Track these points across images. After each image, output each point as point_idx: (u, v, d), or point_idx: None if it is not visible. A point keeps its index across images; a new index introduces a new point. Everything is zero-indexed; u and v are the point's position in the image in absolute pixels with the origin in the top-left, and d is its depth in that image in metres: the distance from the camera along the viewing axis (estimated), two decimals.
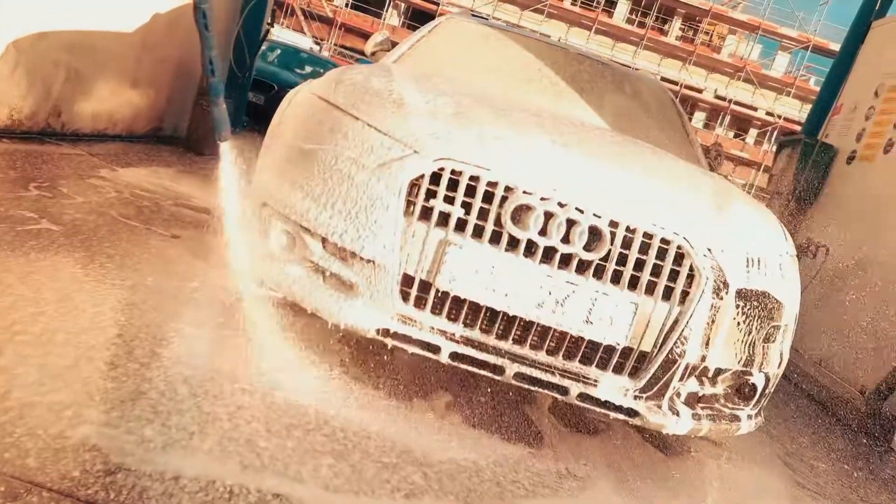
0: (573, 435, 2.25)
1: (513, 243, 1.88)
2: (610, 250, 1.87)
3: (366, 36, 35.80)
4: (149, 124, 5.57)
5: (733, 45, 33.66)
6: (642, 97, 3.42)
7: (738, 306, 1.95)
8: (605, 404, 1.93)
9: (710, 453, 2.45)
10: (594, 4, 33.36)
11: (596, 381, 1.92)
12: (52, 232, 2.56)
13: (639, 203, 1.94)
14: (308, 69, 12.31)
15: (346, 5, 34.73)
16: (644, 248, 1.89)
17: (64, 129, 4.46)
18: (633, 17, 33.82)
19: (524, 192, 1.88)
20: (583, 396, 1.92)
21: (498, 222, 1.88)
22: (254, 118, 7.50)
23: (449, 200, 1.90)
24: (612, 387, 1.92)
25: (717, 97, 32.48)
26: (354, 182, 1.95)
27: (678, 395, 1.97)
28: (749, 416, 2.13)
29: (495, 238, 1.88)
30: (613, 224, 1.89)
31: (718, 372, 2.02)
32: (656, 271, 1.89)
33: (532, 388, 1.94)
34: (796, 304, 2.17)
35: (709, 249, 1.92)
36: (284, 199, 2.07)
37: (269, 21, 6.41)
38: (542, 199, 1.88)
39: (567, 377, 1.92)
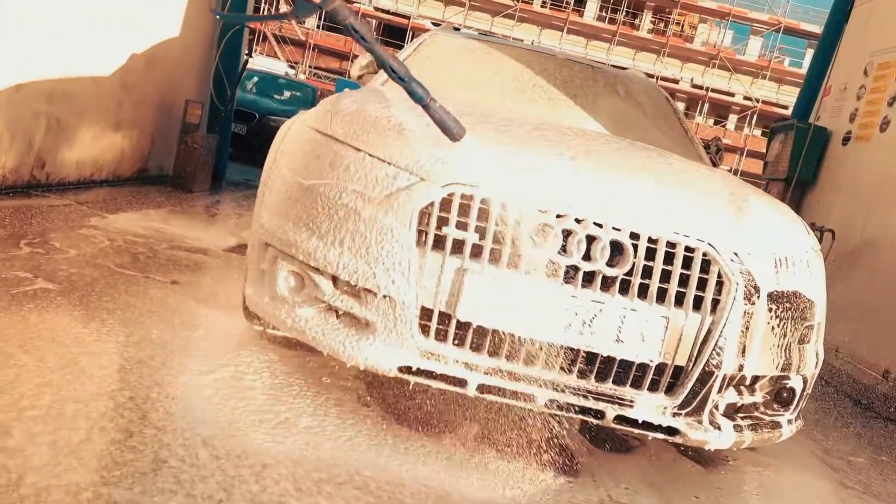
0: (607, 455, 2.16)
1: (532, 265, 1.80)
2: (634, 264, 1.80)
3: (339, 56, 35.91)
4: (134, 166, 5.49)
5: (705, 34, 33.88)
6: (636, 98, 3.36)
7: (770, 310, 1.88)
8: (644, 425, 1.85)
9: (748, 460, 2.37)
10: (563, 5, 33.54)
11: (632, 401, 1.85)
12: (49, 291, 2.47)
13: (658, 212, 1.87)
14: (287, 94, 12.26)
15: (318, 27, 34.74)
16: (669, 259, 1.82)
17: (49, 180, 4.36)
18: (604, 13, 34.02)
19: (539, 212, 1.81)
20: (620, 419, 1.84)
21: (515, 245, 1.81)
22: (236, 148, 7.43)
23: (462, 226, 1.82)
24: (650, 406, 1.85)
25: (694, 86, 32.65)
26: (361, 216, 1.88)
27: (717, 407, 1.90)
28: (789, 421, 2.06)
29: (513, 262, 1.80)
30: (634, 236, 1.82)
31: (756, 379, 1.95)
32: (683, 282, 1.83)
33: (565, 415, 1.86)
34: (824, 300, 2.10)
35: (735, 254, 1.85)
36: (289, 239, 1.99)
37: (247, 51, 6.34)
38: (558, 216, 1.81)
39: (601, 400, 1.84)
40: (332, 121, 2.10)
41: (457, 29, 4.18)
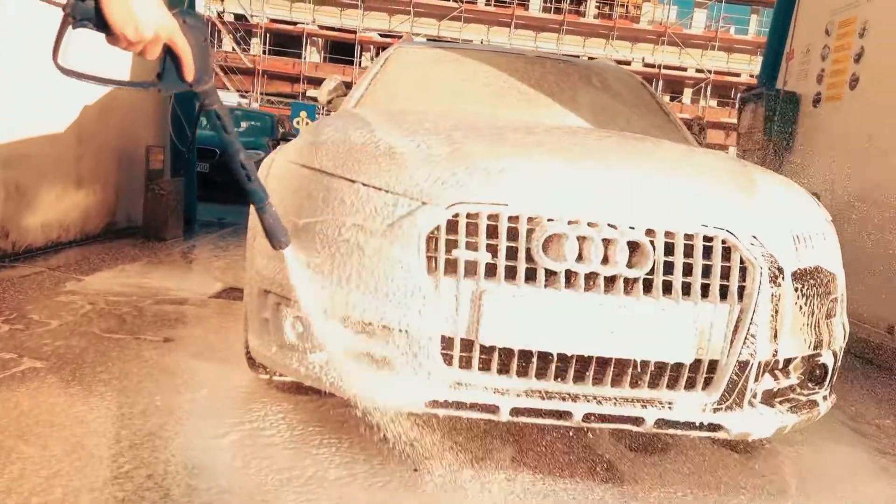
0: (646, 459, 2.09)
1: (551, 277, 1.73)
2: (654, 262, 1.73)
3: (289, 79, 35.65)
4: (102, 221, 5.32)
5: (650, 12, 34.29)
6: (612, 87, 3.31)
7: (796, 289, 1.83)
8: (685, 425, 1.79)
9: (781, 440, 2.31)
10: (508, 1, 33.72)
11: (670, 403, 1.78)
12: (38, 370, 2.33)
13: (669, 204, 1.80)
14: (245, 125, 12.03)
15: (264, 52, 34.48)
16: (688, 251, 1.76)
17: (16, 249, 4.20)
18: (549, 4, 34.27)
19: (549, 220, 1.74)
20: (660, 423, 1.77)
21: (530, 258, 1.73)
22: (201, 188, 7.26)
23: (471, 247, 1.74)
24: (689, 405, 1.78)
25: (646, 65, 33.00)
26: (365, 251, 1.79)
27: (756, 396, 1.83)
28: (824, 398, 2.00)
29: (531, 276, 1.73)
30: (650, 233, 1.75)
31: (789, 362, 1.89)
32: (705, 273, 1.76)
33: (604, 426, 1.79)
34: (842, 270, 2.06)
35: (754, 237, 1.79)
36: (288, 283, 1.88)
37: None
38: (569, 222, 1.74)
39: (639, 406, 1.77)
40: (318, 153, 2.01)
41: (435, 39, 4.11)
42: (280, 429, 2.04)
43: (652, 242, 1.74)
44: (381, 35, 34.68)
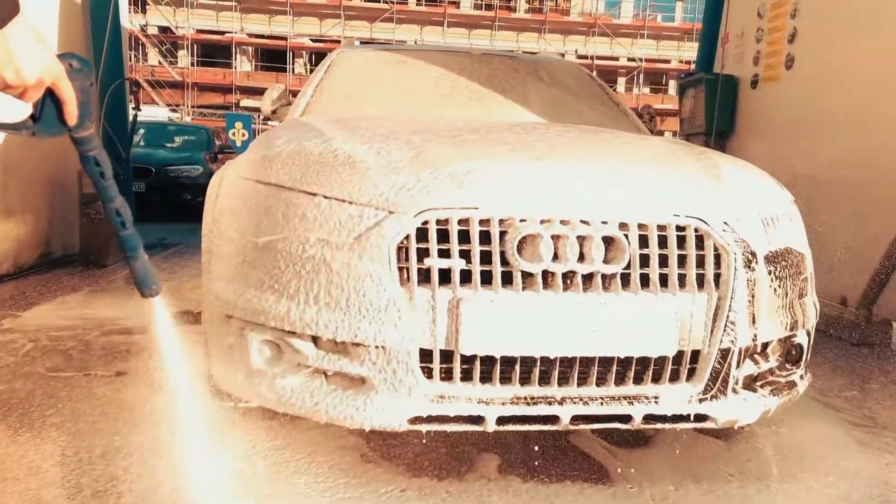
0: (632, 453, 2.07)
1: (528, 280, 1.68)
2: (630, 256, 1.70)
3: (220, 90, 34.83)
4: (36, 252, 5.04)
5: (580, 4, 34.82)
6: (561, 80, 3.29)
7: (770, 272, 1.82)
8: (673, 419, 1.76)
9: (758, 423, 2.33)
10: (439, 0, 33.75)
11: (656, 397, 1.75)
12: None
13: (639, 196, 1.78)
14: (179, 140, 11.62)
15: (192, 64, 33.66)
16: (662, 242, 1.73)
17: None
18: (480, 1, 34.44)
19: (521, 221, 1.69)
20: (648, 418, 1.74)
21: (504, 262, 1.67)
22: (139, 208, 6.99)
23: (444, 254, 1.68)
24: (675, 398, 1.75)
25: (579, 57, 33.49)
26: (333, 266, 1.70)
27: (738, 382, 1.82)
28: (801, 377, 2.01)
29: (507, 280, 1.67)
30: (624, 227, 1.72)
31: (767, 345, 1.89)
32: (681, 264, 1.74)
33: (592, 427, 1.75)
34: (808, 248, 2.07)
35: (725, 223, 1.78)
36: (255, 307, 1.79)
37: (134, 105, 5.95)
38: (542, 221, 1.69)
39: (626, 403, 1.73)
40: (272, 167, 1.91)
41: (368, 42, 4.01)
42: (254, 459, 1.94)
43: (626, 236, 1.70)
44: (312, 40, 34.27)
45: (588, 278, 1.70)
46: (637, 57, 33.17)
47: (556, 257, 1.67)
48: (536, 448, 2.05)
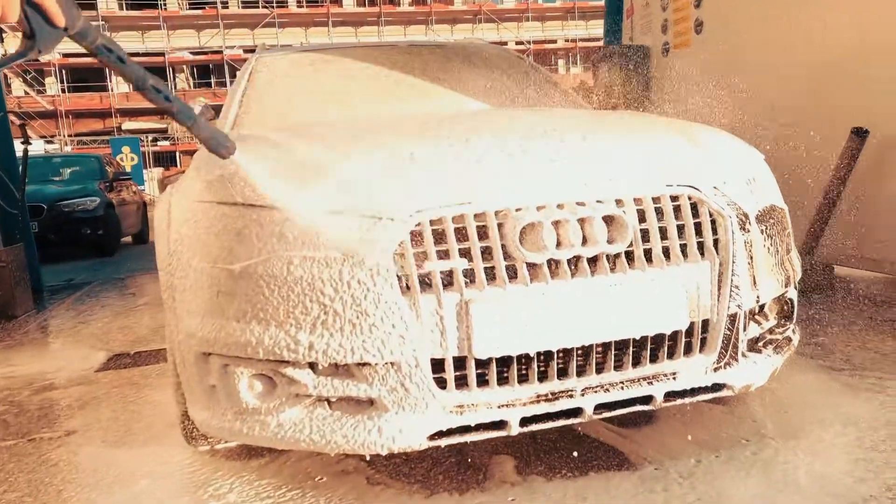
0: (641, 432, 2.04)
1: (532, 271, 1.59)
2: (633, 232, 1.65)
3: (98, 115, 32.79)
4: None
5: None
6: (495, 64, 3.22)
7: (762, 231, 1.82)
8: (692, 392, 1.73)
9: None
10: (320, 1, 33.16)
11: (674, 373, 1.71)
12: None
13: (628, 170, 1.73)
14: (68, 172, 10.81)
15: (63, 91, 31.66)
16: (659, 214, 1.69)
17: None
18: None
19: (517, 210, 1.60)
20: (669, 396, 1.71)
21: (507, 256, 1.59)
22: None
23: (443, 255, 1.57)
24: (692, 371, 1.72)
25: None
26: (324, 284, 1.56)
27: (747, 345, 1.81)
28: (794, 332, 2.03)
29: (513, 274, 1.59)
30: (619, 203, 1.66)
31: (764, 305, 1.89)
32: (680, 234, 1.70)
33: (615, 414, 1.69)
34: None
35: (715, 188, 1.76)
36: (238, 340, 1.62)
37: (24, 138, 5.46)
38: (538, 208, 1.61)
39: (645, 384, 1.69)
40: (236, 185, 1.73)
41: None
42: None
43: (624, 212, 1.65)
44: (192, 53, 32.94)
45: (593, 261, 1.63)
46: (525, 40, 33.78)
47: (558, 244, 1.60)
48: (546, 443, 1.98)
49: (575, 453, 1.90)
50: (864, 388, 2.23)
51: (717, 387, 1.75)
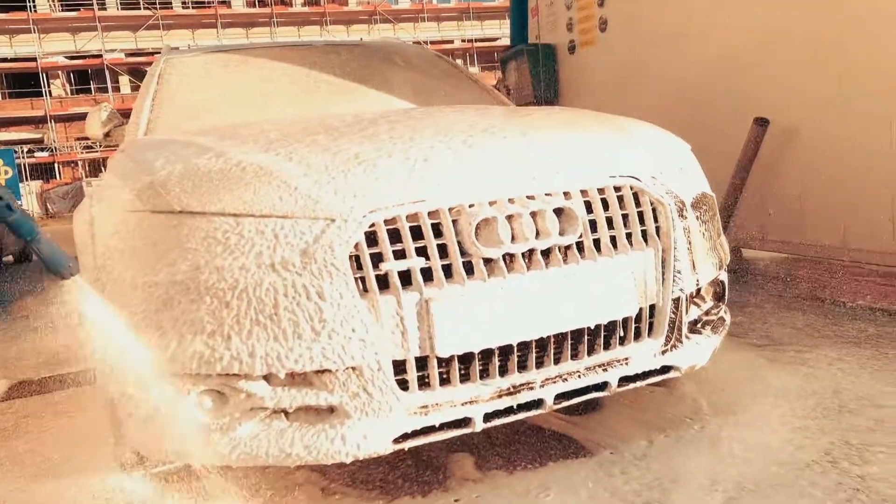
0: (590, 419, 2.08)
1: (488, 266, 1.59)
2: (582, 223, 1.68)
3: (26, 122, 30.11)
4: None
5: None
6: (416, 64, 3.21)
7: (697, 217, 1.90)
8: (644, 375, 1.79)
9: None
10: (207, 1, 31.99)
11: (626, 358, 1.76)
12: None
13: (573, 164, 1.76)
14: None
15: None
16: (605, 205, 1.73)
17: None
18: None
19: (470, 206, 1.60)
20: (622, 381, 1.75)
21: (464, 252, 1.58)
22: None
23: (398, 255, 1.54)
24: (642, 355, 1.78)
25: None
26: (277, 291, 1.50)
27: (689, 327, 1.89)
28: (726, 312, 2.13)
29: (470, 270, 1.58)
30: (567, 195, 1.69)
31: (701, 288, 1.97)
32: (625, 223, 1.76)
33: (573, 402, 1.72)
34: None
35: (653, 178, 1.82)
36: (184, 356, 1.53)
37: None
38: (490, 203, 1.62)
39: (601, 371, 1.72)
40: (170, 193, 1.63)
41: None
42: None
43: (572, 205, 1.68)
44: (68, 58, 30.99)
45: (546, 254, 1.65)
46: (421, 40, 33.94)
47: (512, 238, 1.61)
48: (500, 437, 1.99)
49: (529, 446, 1.92)
50: (786, 362, 2.37)
51: (665, 369, 1.82)
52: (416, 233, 1.56)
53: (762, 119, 3.46)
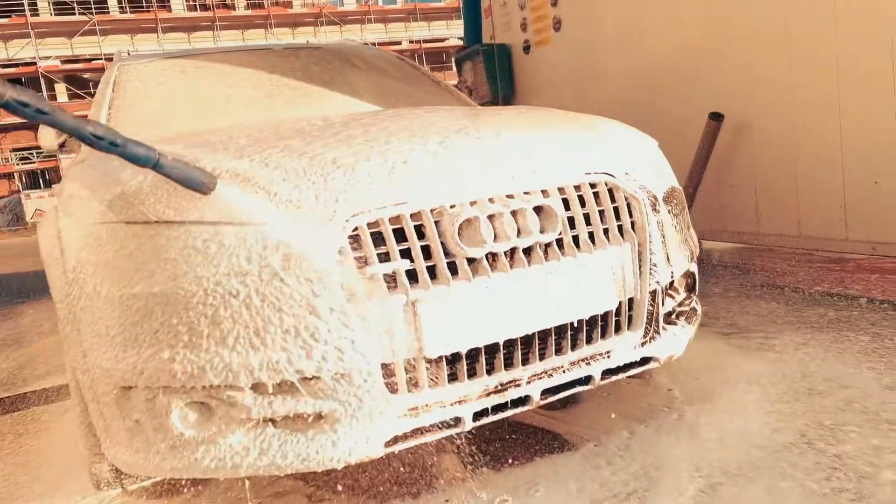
0: (570, 413, 2.12)
1: (472, 266, 1.60)
2: (561, 220, 1.70)
3: None
4: None
5: None
6: (377, 66, 3.20)
7: (669, 211, 1.95)
8: (625, 368, 1.82)
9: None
10: (146, 6, 31.19)
11: (608, 352, 1.79)
12: None
13: (549, 162, 1.78)
14: None
15: None
16: (581, 202, 1.76)
17: None
18: (193, 2, 32.40)
19: (451, 207, 1.61)
20: (605, 374, 1.78)
21: (449, 253, 1.58)
22: None
23: (383, 258, 1.54)
24: (624, 348, 1.81)
25: None
26: (262, 299, 1.47)
27: (665, 319, 1.93)
28: (697, 302, 2.19)
29: (452, 270, 1.59)
30: (545, 193, 1.72)
31: (674, 280, 2.02)
32: (601, 219, 1.79)
33: (559, 397, 1.74)
34: None
35: (626, 173, 1.86)
36: (166, 368, 1.49)
37: None
38: (471, 203, 1.63)
39: (584, 365, 1.75)
40: (145, 202, 1.59)
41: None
42: None
43: (550, 202, 1.70)
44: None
45: (527, 252, 1.67)
46: (369, 42, 33.76)
47: (495, 237, 1.62)
48: (484, 434, 2.00)
49: (514, 443, 1.94)
50: (754, 349, 2.45)
51: (645, 360, 1.86)
52: (399, 235, 1.56)
53: (717, 113, 3.56)
